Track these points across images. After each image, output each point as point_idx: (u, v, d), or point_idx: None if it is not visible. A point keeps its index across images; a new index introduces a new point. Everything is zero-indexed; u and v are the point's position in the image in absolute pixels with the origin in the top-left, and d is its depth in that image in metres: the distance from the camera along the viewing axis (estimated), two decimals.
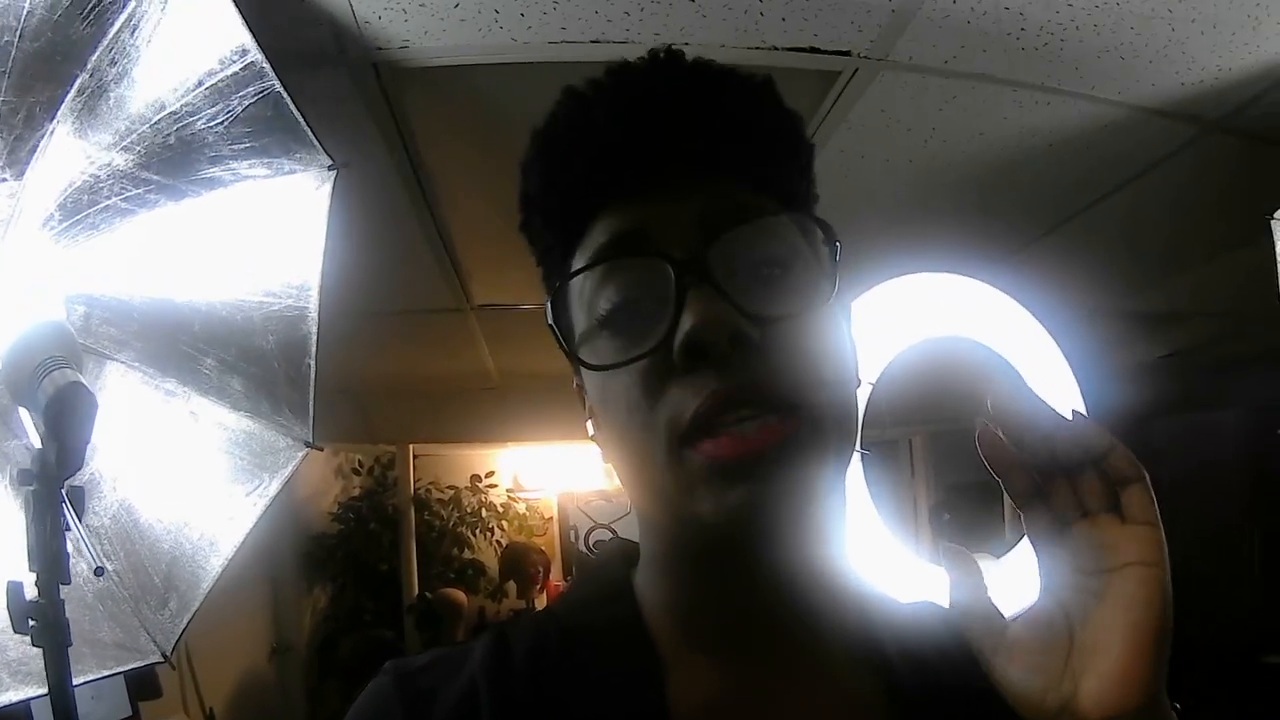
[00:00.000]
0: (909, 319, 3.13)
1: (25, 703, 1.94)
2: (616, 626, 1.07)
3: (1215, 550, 5.53)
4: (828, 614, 1.03)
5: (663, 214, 0.97)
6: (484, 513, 10.49)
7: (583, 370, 1.05)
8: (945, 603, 1.14)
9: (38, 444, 1.61)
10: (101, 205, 1.96)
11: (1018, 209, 4.12)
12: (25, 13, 1.73)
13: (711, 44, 2.67)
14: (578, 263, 1.02)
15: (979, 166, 3.57)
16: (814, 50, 2.72)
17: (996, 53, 2.75)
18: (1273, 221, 2.91)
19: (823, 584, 1.03)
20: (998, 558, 3.17)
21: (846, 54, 2.75)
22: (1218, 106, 3.04)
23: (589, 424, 1.11)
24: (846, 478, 1.01)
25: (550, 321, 1.03)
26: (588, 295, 1.00)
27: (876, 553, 3.09)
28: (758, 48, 2.69)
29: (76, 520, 1.59)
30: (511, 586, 9.52)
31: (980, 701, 1.00)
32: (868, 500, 3.09)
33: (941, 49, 2.74)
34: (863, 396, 3.06)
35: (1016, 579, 3.11)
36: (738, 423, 0.88)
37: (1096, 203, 3.96)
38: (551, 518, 11.21)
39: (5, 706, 1.95)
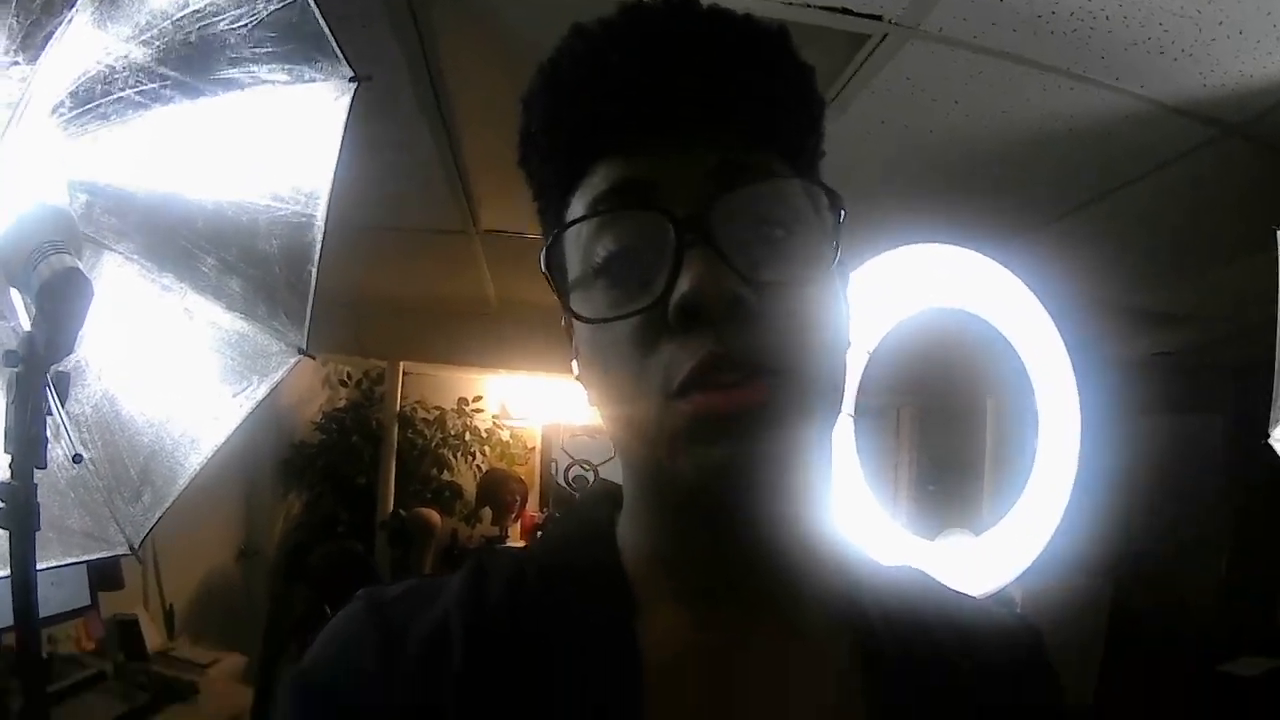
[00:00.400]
0: (914, 288, 3.14)
1: None
2: (594, 567, 1.07)
3: (1186, 555, 5.56)
4: (806, 571, 1.03)
5: (668, 165, 0.95)
6: (467, 436, 10.52)
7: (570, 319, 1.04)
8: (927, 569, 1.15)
9: (28, 326, 1.61)
10: (115, 96, 1.95)
11: (1033, 190, 4.13)
12: None
13: None
14: (577, 206, 1.01)
15: (999, 144, 3.57)
16: (846, 11, 2.71)
17: (1026, 33, 2.74)
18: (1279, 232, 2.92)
19: (802, 542, 1.02)
20: (977, 534, 3.19)
21: (878, 19, 2.74)
22: (1238, 111, 3.04)
23: (574, 363, 1.11)
24: (832, 440, 1.02)
25: (544, 268, 1.02)
26: (584, 241, 0.99)
27: (860, 518, 3.11)
28: (789, 3, 2.67)
29: (59, 406, 1.59)
30: (487, 513, 9.56)
31: (952, 666, 1.04)
32: (856, 466, 3.10)
33: (973, 23, 2.74)
34: (857, 361, 3.07)
35: (995, 555, 3.14)
36: (728, 385, 0.88)
37: (1110, 193, 3.96)
38: (534, 448, 11.23)
39: None
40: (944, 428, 7.71)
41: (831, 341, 0.97)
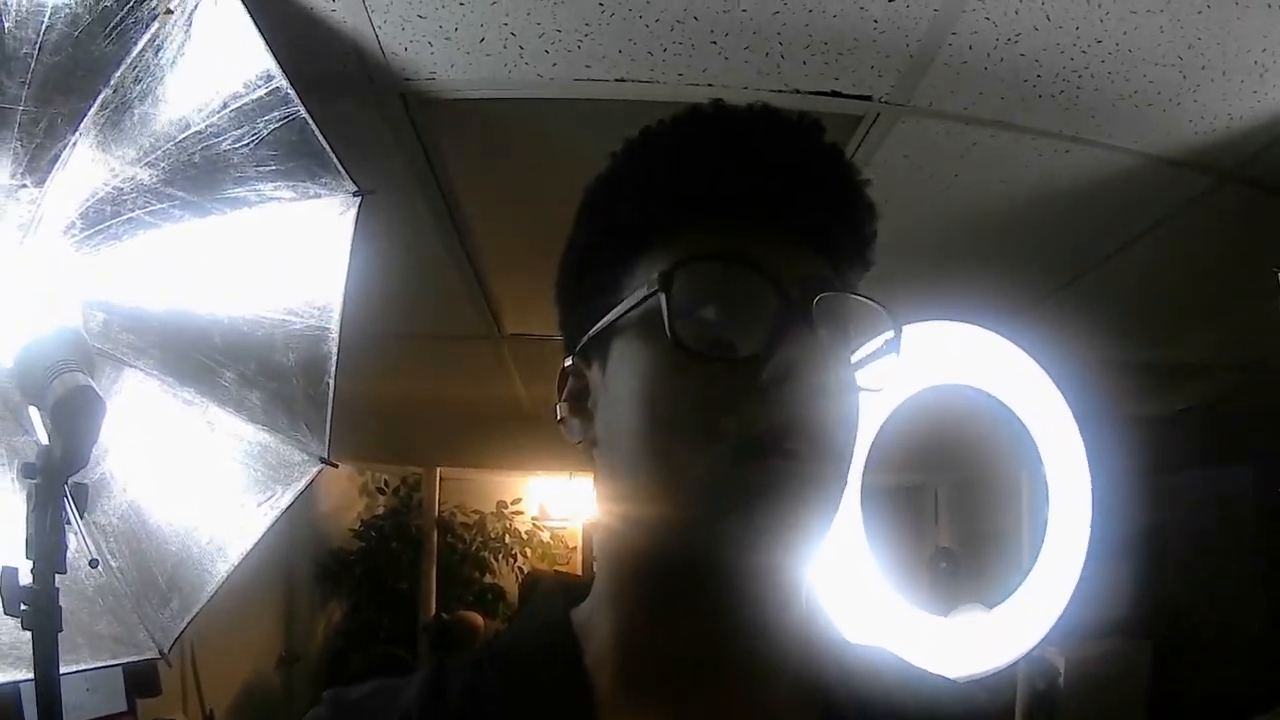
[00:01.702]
0: (919, 366, 3.17)
1: (14, 685, 1.99)
2: (553, 666, 1.07)
3: (1223, 610, 5.50)
4: (777, 653, 1.04)
5: (773, 250, 0.99)
6: (508, 539, 10.55)
7: (620, 354, 1.05)
8: (928, 660, 1.18)
9: (45, 441, 1.67)
10: (125, 217, 2.02)
11: (1037, 258, 4.13)
12: (45, 27, 1.79)
13: (734, 85, 2.72)
14: (667, 257, 1.01)
15: (1000, 213, 3.60)
16: (835, 94, 2.77)
17: (1014, 99, 2.79)
18: None
19: (779, 624, 1.03)
20: (990, 608, 3.20)
21: (868, 99, 2.79)
22: (1230, 156, 3.05)
23: (561, 406, 1.14)
24: None
25: (654, 289, 0.98)
26: (682, 286, 0.98)
27: (871, 598, 3.12)
28: (780, 90, 2.73)
29: (78, 516, 1.65)
30: None
31: None
32: (866, 547, 3.12)
33: (961, 95, 2.79)
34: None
35: (1009, 629, 3.14)
36: (793, 455, 0.92)
37: (1115, 253, 3.97)
38: (576, 547, 11.23)
39: None
40: (957, 504, 7.70)
41: (854, 448, 1.02)
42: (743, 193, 1.01)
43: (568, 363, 1.15)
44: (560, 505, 11.06)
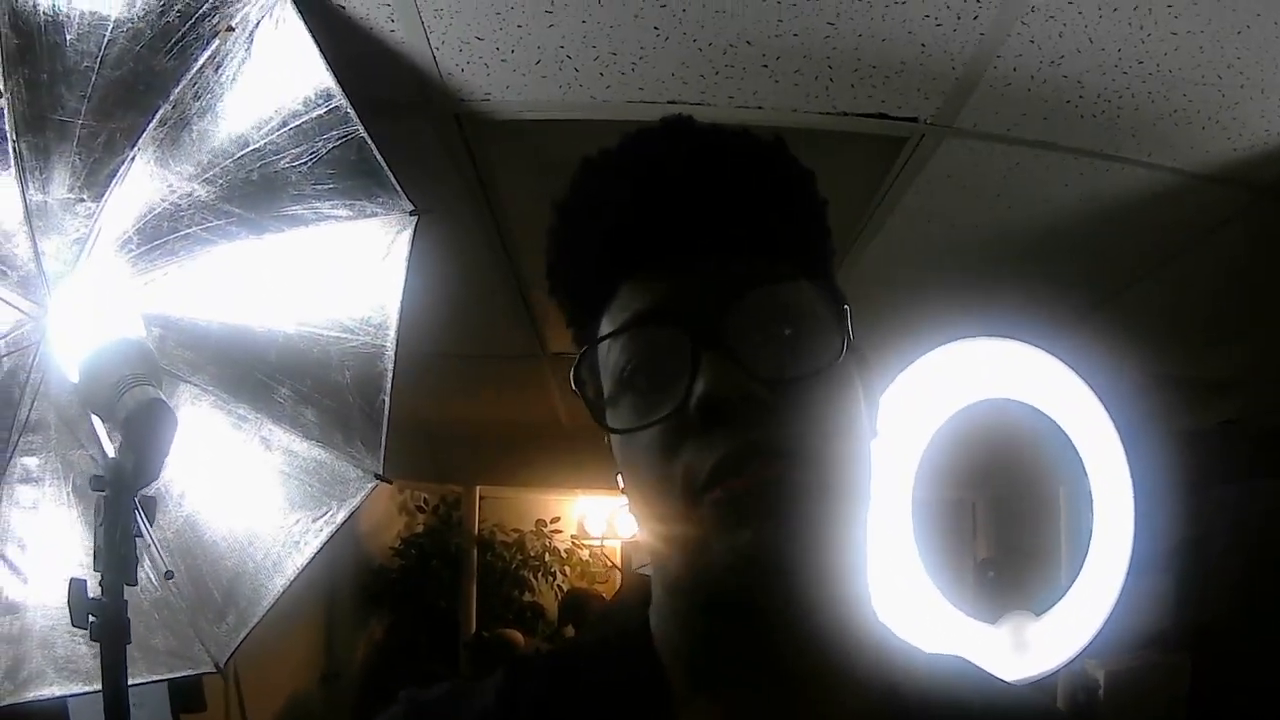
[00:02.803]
0: (965, 381, 3.17)
1: (63, 700, 2.01)
2: (630, 669, 1.09)
3: (1260, 623, 5.45)
4: (841, 658, 1.02)
5: (679, 283, 0.99)
6: (547, 557, 10.55)
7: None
8: (977, 659, 1.17)
9: (110, 454, 1.68)
10: (182, 233, 2.04)
11: (1079, 274, 4.13)
12: (106, 41, 1.81)
13: (783, 108, 2.73)
14: (604, 329, 1.04)
15: (1043, 231, 3.61)
16: (883, 116, 2.78)
17: (1057, 120, 2.80)
18: None
19: (838, 631, 1.02)
20: (1038, 614, 3.20)
21: (914, 120, 2.81)
22: (1268, 171, 3.05)
23: (619, 478, 1.12)
24: (864, 528, 1.03)
25: (574, 387, 1.05)
26: (610, 361, 1.02)
27: (921, 605, 3.12)
28: (828, 113, 2.74)
29: (148, 527, 1.66)
30: (570, 631, 9.52)
31: None
32: (915, 555, 3.12)
33: (1004, 116, 2.80)
34: (912, 453, 3.11)
35: (1055, 638, 3.14)
36: (745, 479, 0.91)
37: (1156, 269, 3.96)
38: (615, 565, 11.22)
39: (45, 700, 2.02)
40: (1012, 517, 7.66)
41: (848, 429, 1.01)
42: (626, 244, 1.02)
43: (605, 439, 1.14)
44: (599, 523, 11.06)
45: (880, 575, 1.05)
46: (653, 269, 1.01)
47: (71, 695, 2.04)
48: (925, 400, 3.15)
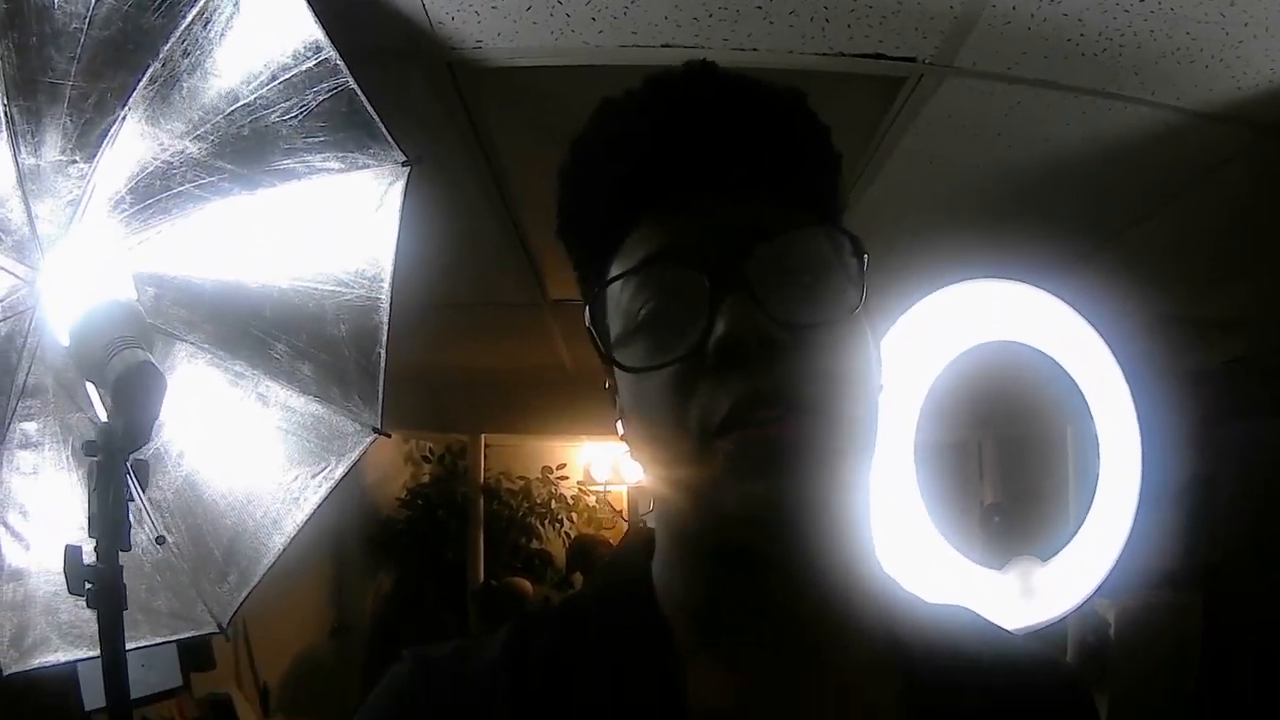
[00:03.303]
0: (967, 324, 3.15)
1: (72, 664, 2.01)
2: (634, 621, 1.08)
3: (1269, 560, 5.45)
4: (848, 611, 1.03)
5: (698, 226, 0.98)
6: (554, 504, 10.57)
7: (616, 372, 1.06)
8: (982, 609, 1.16)
9: (104, 418, 1.67)
10: (174, 191, 2.02)
11: (1081, 214, 4.11)
12: (94, 1, 1.79)
13: (779, 50, 2.70)
14: (617, 269, 1.03)
15: (1045, 171, 3.58)
16: (880, 56, 2.74)
17: (1057, 59, 2.76)
18: None
19: (844, 584, 1.02)
20: (1045, 560, 3.19)
21: (912, 60, 2.77)
22: (1272, 110, 3.02)
23: (619, 424, 1.13)
24: (869, 480, 1.03)
25: (588, 325, 1.03)
26: (624, 302, 1.01)
27: (926, 553, 3.11)
28: (825, 54, 2.71)
29: (140, 492, 1.65)
30: (578, 578, 9.54)
31: (999, 705, 1.05)
32: (919, 502, 3.11)
33: (1004, 55, 2.76)
34: (914, 400, 3.09)
35: (1062, 582, 3.13)
36: (764, 421, 0.91)
37: (1159, 208, 3.94)
38: (621, 510, 11.24)
39: (53, 666, 2.02)
40: (1019, 458, 7.66)
41: (862, 381, 1.00)
42: (646, 182, 1.01)
43: (606, 384, 1.16)
44: (605, 469, 11.08)
45: (884, 522, 1.03)
46: (671, 210, 1.00)
47: (79, 660, 2.04)
48: (927, 344, 3.13)
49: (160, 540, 2.05)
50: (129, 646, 1.63)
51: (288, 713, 6.66)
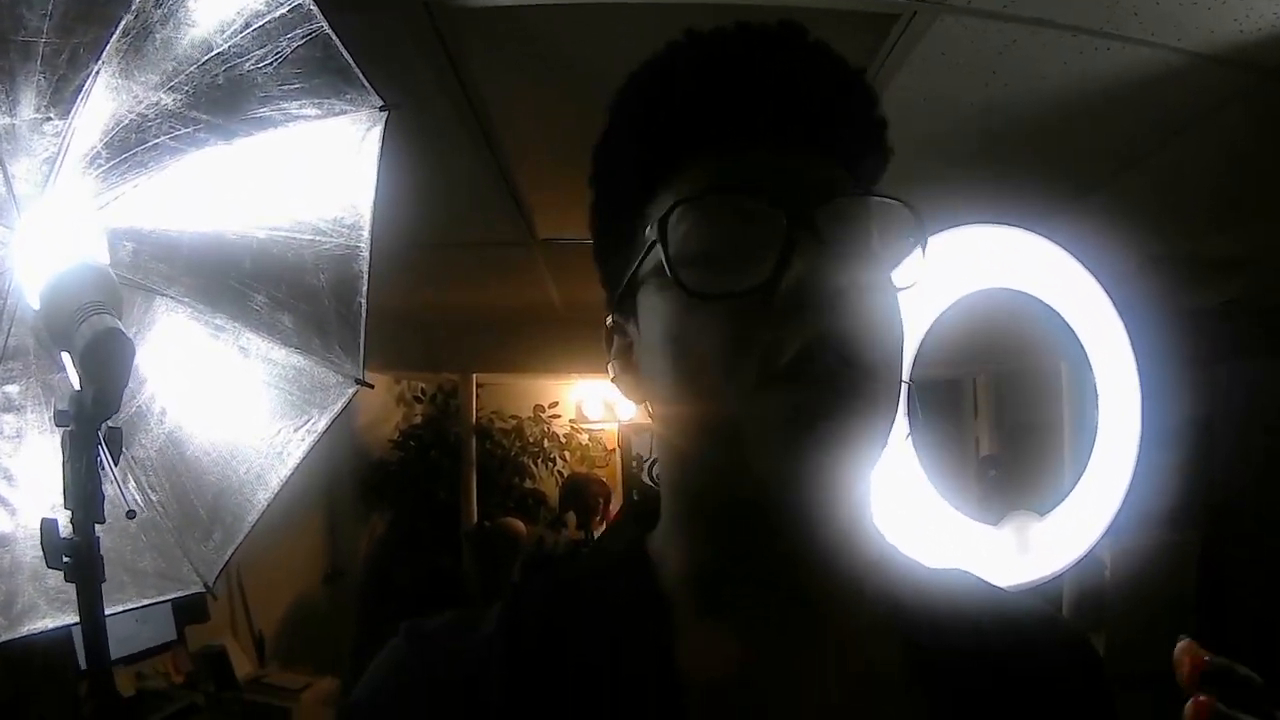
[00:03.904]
0: (960, 271, 3.13)
1: (65, 629, 1.98)
2: (630, 592, 1.08)
3: (1266, 499, 5.47)
4: (850, 578, 1.04)
5: (773, 167, 0.99)
6: (546, 443, 10.64)
7: (644, 305, 1.06)
8: (980, 570, 1.15)
9: (76, 385, 1.64)
10: (150, 144, 1.98)
11: (1078, 155, 4.10)
12: None
13: None
14: (667, 197, 1.02)
15: (1039, 111, 3.55)
16: None
17: None
18: None
19: (848, 548, 1.03)
20: (1042, 514, 3.17)
21: None
22: (1275, 54, 2.99)
23: (612, 365, 1.14)
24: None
25: (652, 239, 1.01)
26: (683, 228, 0.99)
27: (923, 509, 3.10)
28: None
29: (112, 462, 1.62)
30: (571, 517, 9.57)
31: (1003, 666, 1.04)
32: (917, 461, 3.09)
33: None
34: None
35: (1060, 537, 3.11)
36: (826, 375, 0.90)
37: (1157, 149, 3.92)
38: (614, 449, 11.33)
39: (43, 633, 2.00)
40: (1018, 397, 7.68)
41: (902, 351, 1.00)
42: (730, 117, 1.00)
43: (609, 321, 1.15)
44: (597, 407, 11.12)
45: (879, 479, 1.02)
46: (743, 145, 1.00)
47: (71, 624, 2.02)
48: (920, 292, 3.10)
49: (130, 514, 2.02)
50: (118, 609, 1.66)
51: (283, 661, 6.69)
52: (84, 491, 1.52)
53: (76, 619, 1.86)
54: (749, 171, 0.98)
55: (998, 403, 8.28)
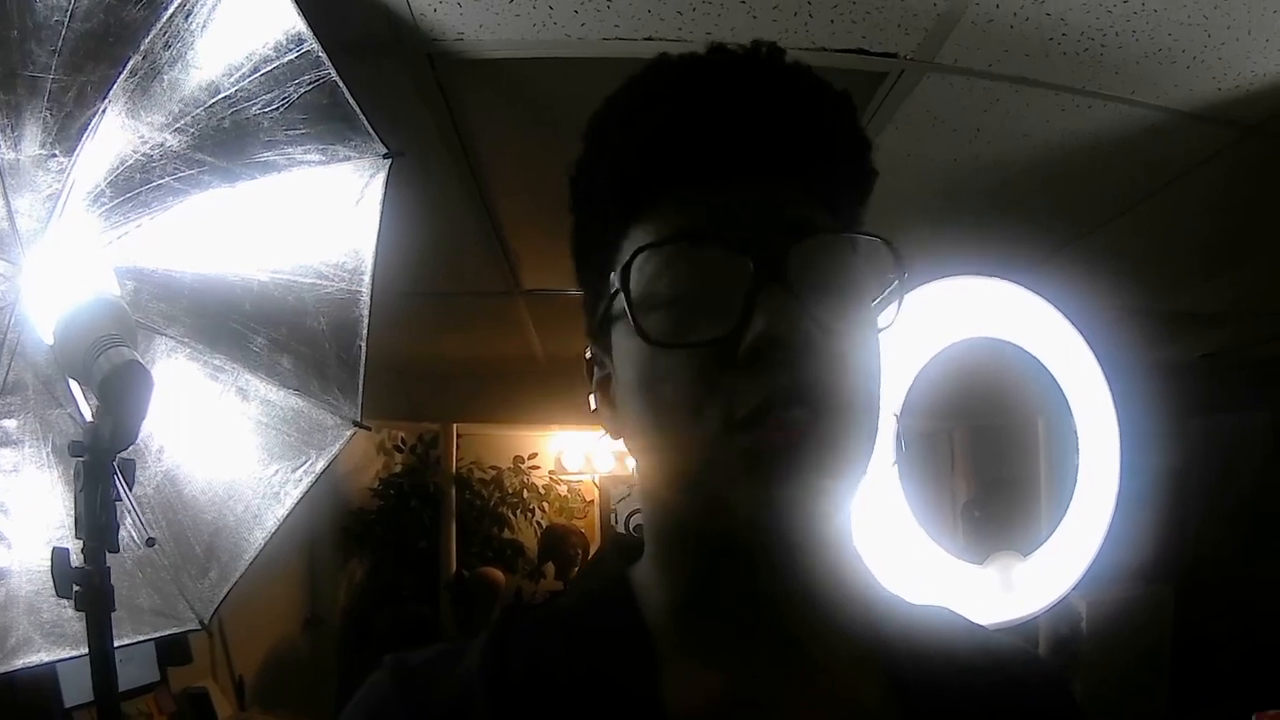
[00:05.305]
0: (944, 322, 3.15)
1: (53, 665, 2.00)
2: (613, 626, 1.08)
3: (1246, 555, 5.49)
4: (832, 614, 1.03)
5: (744, 205, 0.97)
6: (525, 493, 10.59)
7: (616, 344, 1.05)
8: (963, 608, 1.16)
9: (89, 416, 1.66)
10: (154, 184, 2.00)
11: (1059, 211, 4.13)
12: None
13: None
14: (639, 237, 1.00)
15: (1022, 168, 3.58)
16: (862, 52, 2.74)
17: (1039, 57, 2.76)
18: None
19: (828, 585, 1.03)
20: (1025, 555, 3.19)
21: (894, 55, 2.77)
22: (1254, 111, 3.04)
23: (592, 398, 1.14)
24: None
25: (616, 286, 0.99)
26: (649, 271, 0.98)
27: (909, 549, 3.11)
28: (807, 49, 2.70)
29: (127, 492, 1.63)
30: (550, 568, 9.57)
31: (983, 703, 1.04)
32: (903, 499, 3.11)
33: (985, 53, 2.76)
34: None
35: (1043, 577, 3.14)
36: (789, 424, 0.90)
37: (1137, 205, 3.95)
38: (593, 500, 11.28)
39: (36, 667, 2.01)
40: (988, 451, 7.69)
41: (879, 391, 1.00)
42: (699, 150, 0.99)
43: (587, 353, 1.15)
44: (576, 459, 11.09)
45: (867, 519, 1.04)
46: (711, 184, 0.99)
47: (61, 660, 2.03)
48: (905, 342, 3.12)
49: (150, 542, 2.04)
50: (115, 645, 1.63)
51: (263, 705, 6.64)
52: (98, 521, 1.53)
53: (71, 654, 1.89)
54: (719, 211, 0.97)
55: (975, 457, 8.28)
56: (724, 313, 0.93)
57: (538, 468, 10.89)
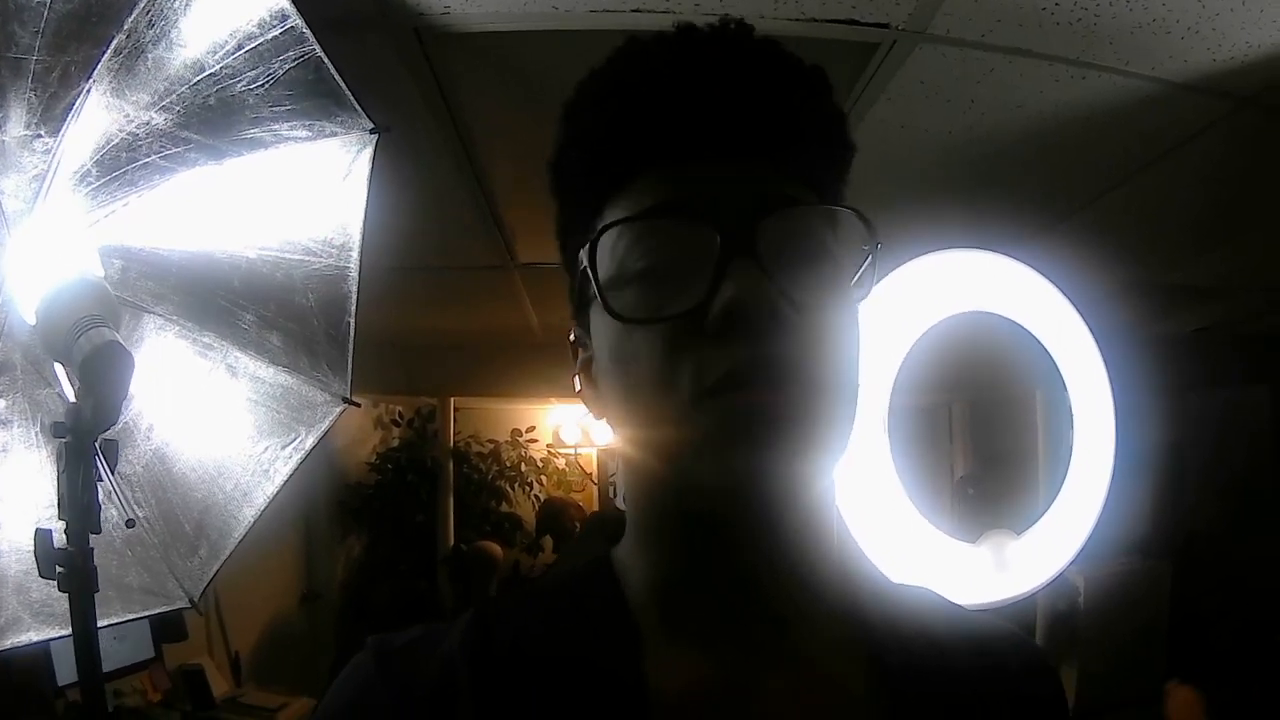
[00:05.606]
0: (938, 296, 3.14)
1: (45, 643, 1.99)
2: (596, 605, 1.09)
3: (1242, 529, 5.49)
4: (814, 593, 1.04)
5: (714, 181, 0.97)
6: (523, 467, 10.61)
7: (594, 324, 1.06)
8: (956, 588, 1.16)
9: (72, 397, 1.65)
10: (140, 163, 1.99)
11: (1053, 183, 4.12)
12: None
13: (750, 14, 2.62)
14: (615, 214, 1.01)
15: (1015, 139, 3.57)
16: (852, 22, 2.72)
17: (1032, 27, 2.75)
18: None
19: (810, 563, 1.03)
20: (1019, 534, 3.19)
21: (885, 26, 2.75)
22: (1250, 82, 3.03)
23: (577, 379, 1.14)
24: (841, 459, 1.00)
25: (585, 264, 1.00)
26: (622, 248, 0.99)
27: (900, 526, 3.11)
28: (796, 19, 2.69)
29: (109, 473, 1.63)
30: (548, 541, 9.57)
31: (966, 683, 1.05)
32: (893, 476, 3.10)
33: (978, 23, 2.74)
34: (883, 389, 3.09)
35: (1036, 555, 3.13)
36: (756, 395, 0.90)
37: (1131, 177, 3.94)
38: (591, 473, 11.28)
39: (26, 646, 2.00)
40: (981, 425, 7.69)
41: (854, 365, 0.99)
42: (669, 128, 0.99)
43: (571, 335, 1.16)
44: (574, 432, 11.08)
45: (858, 495, 1.03)
46: (683, 162, 0.99)
47: (52, 639, 2.03)
48: (899, 317, 3.11)
49: (130, 523, 2.03)
50: (103, 624, 1.63)
51: (259, 681, 6.66)
52: (80, 502, 1.53)
53: (60, 633, 1.89)
54: (691, 185, 0.98)
55: (974, 430, 8.28)
56: (693, 287, 0.94)
57: (535, 441, 10.92)
